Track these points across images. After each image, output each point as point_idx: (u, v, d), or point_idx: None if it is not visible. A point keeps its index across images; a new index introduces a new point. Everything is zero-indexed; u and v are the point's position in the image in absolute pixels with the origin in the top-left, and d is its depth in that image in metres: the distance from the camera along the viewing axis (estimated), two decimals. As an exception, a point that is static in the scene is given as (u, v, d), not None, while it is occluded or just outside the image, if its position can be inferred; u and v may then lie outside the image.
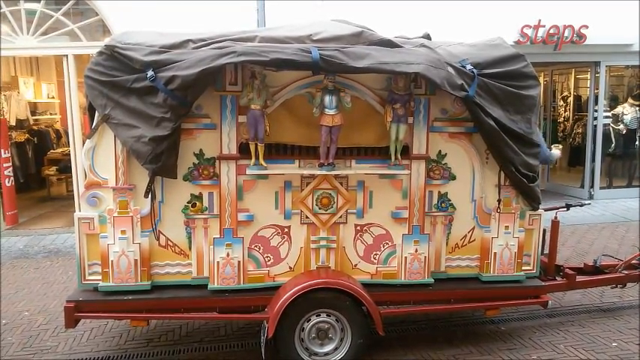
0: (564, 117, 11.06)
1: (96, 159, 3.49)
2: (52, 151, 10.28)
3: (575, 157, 10.48)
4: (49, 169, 9.87)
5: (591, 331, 4.29)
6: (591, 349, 4.00)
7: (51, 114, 11.61)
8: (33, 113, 10.77)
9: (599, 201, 9.14)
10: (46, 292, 5.34)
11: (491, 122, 3.55)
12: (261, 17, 7.29)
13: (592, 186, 9.45)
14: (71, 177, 7.98)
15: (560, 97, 11.27)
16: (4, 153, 7.78)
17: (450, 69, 3.47)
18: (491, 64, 3.68)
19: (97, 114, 3.46)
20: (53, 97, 11.68)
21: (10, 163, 8.00)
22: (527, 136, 3.76)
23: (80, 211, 3.60)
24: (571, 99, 10.91)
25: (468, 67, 3.57)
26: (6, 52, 7.83)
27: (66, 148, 9.55)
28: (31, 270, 6.11)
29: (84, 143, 3.60)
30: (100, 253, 3.54)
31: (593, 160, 9.38)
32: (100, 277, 3.57)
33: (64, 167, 9.41)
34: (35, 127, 10.54)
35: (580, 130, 10.18)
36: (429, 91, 3.65)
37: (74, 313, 3.51)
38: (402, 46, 3.61)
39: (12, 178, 7.91)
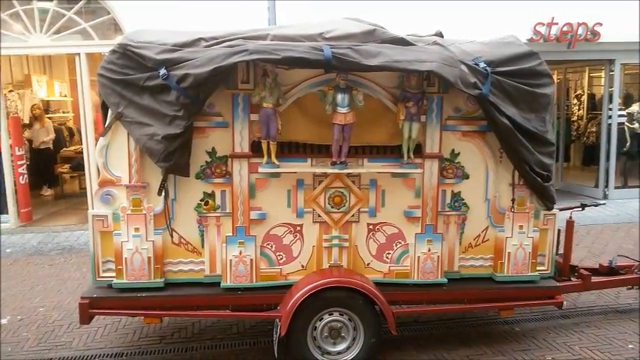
0: (578, 116, 10.94)
1: (109, 157, 3.51)
2: (65, 149, 10.38)
3: (590, 156, 10.36)
4: (62, 167, 9.97)
5: (607, 333, 4.24)
6: (607, 350, 3.95)
7: (63, 112, 11.71)
8: (46, 111, 10.86)
9: (613, 201, 9.02)
10: (61, 289, 5.39)
11: (505, 121, 3.51)
12: (272, 16, 7.28)
13: (606, 185, 9.32)
14: (84, 174, 8.04)
15: (573, 95, 11.15)
16: (19, 150, 7.86)
17: (464, 67, 3.44)
18: (504, 62, 3.64)
19: (110, 112, 3.48)
20: (66, 96, 11.79)
21: (25, 161, 8.09)
22: (542, 135, 3.71)
23: (94, 208, 3.63)
24: (585, 97, 10.80)
25: (482, 65, 3.54)
26: (19, 51, 7.93)
27: (79, 146, 9.63)
28: (46, 266, 6.18)
29: (97, 141, 3.62)
30: (114, 250, 3.56)
31: (607, 159, 9.25)
32: (113, 274, 3.59)
33: (77, 165, 9.49)
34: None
35: (594, 129, 10.05)
36: (442, 89, 3.62)
37: (89, 309, 3.53)
38: (414, 44, 3.58)
39: (26, 176, 7.99)
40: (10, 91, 9.62)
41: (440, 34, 4.14)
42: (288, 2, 7.24)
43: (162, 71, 3.23)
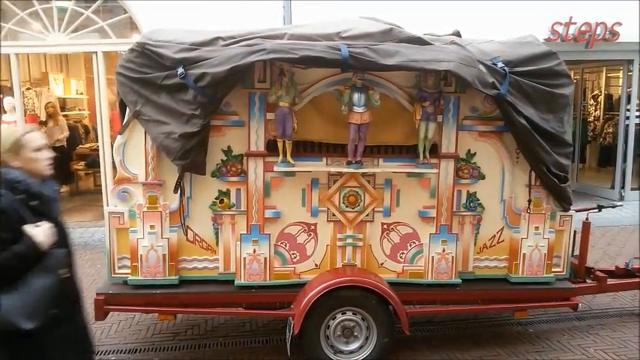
0: (594, 116, 10.81)
1: (126, 154, 3.54)
2: (80, 146, 10.48)
3: (606, 157, 10.24)
4: (77, 164, 10.07)
5: (622, 336, 4.19)
6: (623, 353, 3.90)
7: (80, 110, 11.83)
8: (62, 109, 10.98)
9: (629, 202, 8.88)
10: (76, 285, 5.44)
11: (523, 121, 3.48)
12: (287, 15, 7.30)
13: (623, 187, 9.19)
14: (99, 172, 8.11)
15: (590, 95, 11.01)
16: (36, 147, 7.93)
17: (481, 67, 3.41)
18: (523, 62, 3.61)
19: (127, 110, 3.51)
20: (82, 93, 11.91)
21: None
22: (559, 136, 3.68)
23: (109, 205, 3.67)
24: (602, 98, 10.66)
25: (500, 64, 3.51)
26: (38, 49, 8.01)
27: (94, 144, 9.72)
28: (61, 262, 6.24)
29: (112, 139, 3.65)
30: (130, 247, 3.59)
31: (624, 160, 9.13)
32: (129, 271, 3.63)
33: (92, 162, 9.58)
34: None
35: (611, 130, 9.93)
36: (459, 89, 3.60)
37: (104, 305, 3.58)
38: (431, 44, 3.57)
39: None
40: (28, 88, 9.74)
41: (457, 34, 4.12)
42: (304, 2, 7.24)
43: (180, 70, 3.25)
